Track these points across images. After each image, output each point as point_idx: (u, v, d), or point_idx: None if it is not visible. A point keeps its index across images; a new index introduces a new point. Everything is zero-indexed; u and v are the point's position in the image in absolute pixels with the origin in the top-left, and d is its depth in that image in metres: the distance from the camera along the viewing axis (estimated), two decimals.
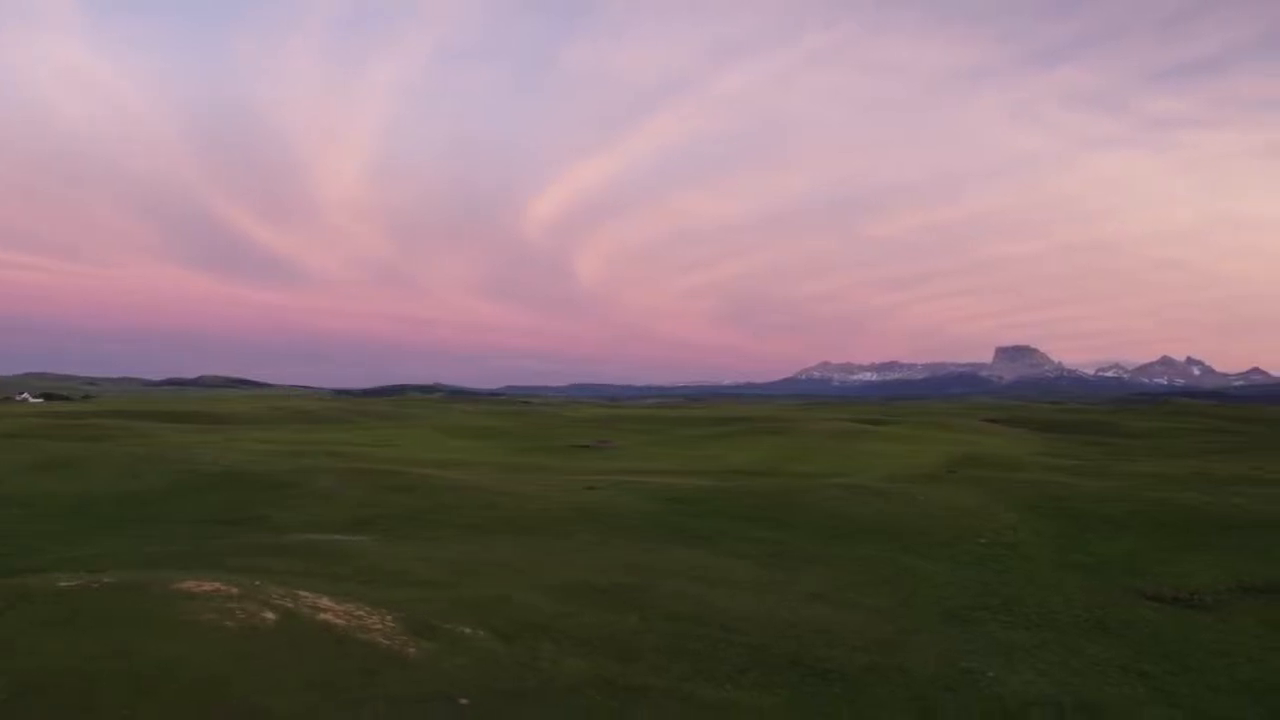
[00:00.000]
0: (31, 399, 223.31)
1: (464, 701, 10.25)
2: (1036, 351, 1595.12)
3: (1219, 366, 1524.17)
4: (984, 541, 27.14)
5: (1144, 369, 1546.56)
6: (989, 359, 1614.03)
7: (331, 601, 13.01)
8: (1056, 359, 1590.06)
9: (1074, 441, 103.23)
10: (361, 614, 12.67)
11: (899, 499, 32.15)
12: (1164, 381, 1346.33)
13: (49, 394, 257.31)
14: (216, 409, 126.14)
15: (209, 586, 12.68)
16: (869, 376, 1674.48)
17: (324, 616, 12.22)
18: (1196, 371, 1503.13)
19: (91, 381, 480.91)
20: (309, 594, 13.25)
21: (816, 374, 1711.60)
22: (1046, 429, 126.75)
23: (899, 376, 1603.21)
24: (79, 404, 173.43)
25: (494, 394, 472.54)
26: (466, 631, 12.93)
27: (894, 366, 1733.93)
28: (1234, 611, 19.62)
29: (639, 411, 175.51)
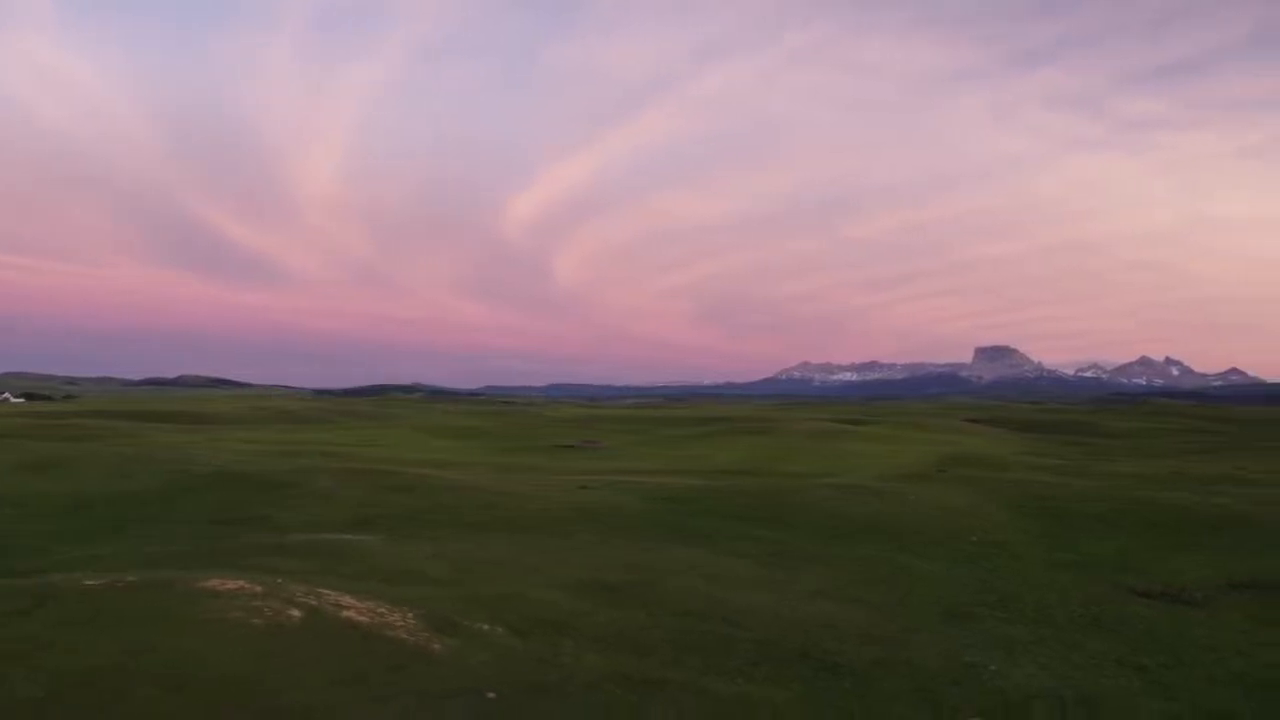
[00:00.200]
0: (13, 399, 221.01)
1: (491, 696, 10.51)
2: (1016, 352, 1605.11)
3: (1197, 367, 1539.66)
4: (975, 540, 27.61)
5: (1123, 369, 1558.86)
6: (968, 359, 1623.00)
7: (353, 599, 13.23)
8: (1036, 359, 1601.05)
9: (1056, 441, 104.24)
10: (383, 611, 12.91)
11: (891, 498, 32.61)
12: (1143, 382, 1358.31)
13: (30, 394, 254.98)
14: (199, 409, 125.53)
15: (233, 585, 12.88)
16: (849, 376, 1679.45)
17: (347, 614, 12.45)
18: (1175, 372, 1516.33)
19: (71, 381, 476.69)
20: (330, 592, 13.46)
21: (797, 374, 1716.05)
22: (1027, 429, 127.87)
23: (879, 376, 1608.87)
24: (61, 404, 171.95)
25: (474, 394, 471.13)
26: (485, 628, 13.19)
27: (874, 367, 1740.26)
28: (1222, 607, 20.15)
29: (620, 412, 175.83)
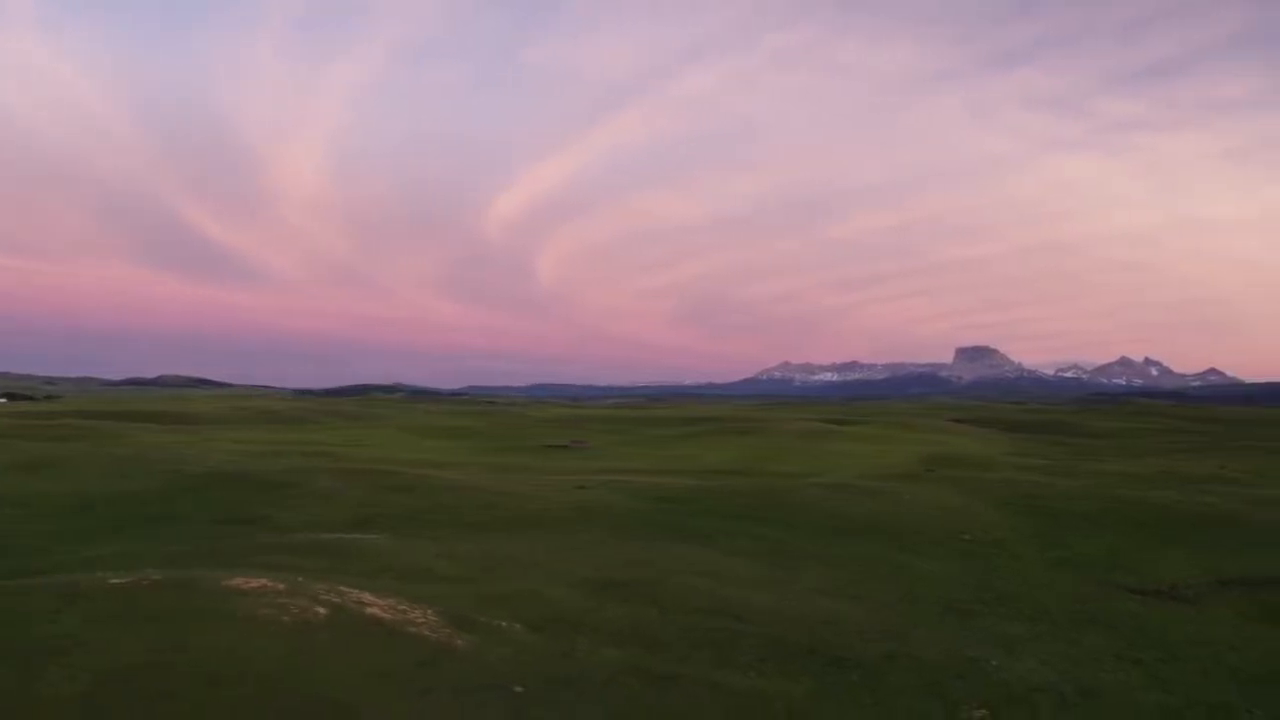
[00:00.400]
0: None
1: (518, 689, 10.82)
2: (996, 352, 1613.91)
3: (1177, 367, 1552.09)
4: (968, 539, 28.07)
5: (1103, 369, 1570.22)
6: (949, 359, 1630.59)
7: (374, 597, 13.49)
8: (1016, 359, 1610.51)
9: (1040, 441, 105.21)
10: (403, 608, 13.17)
11: (885, 498, 33.07)
12: (1123, 382, 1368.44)
13: (11, 393, 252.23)
14: (183, 409, 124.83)
15: (256, 583, 13.12)
16: (829, 377, 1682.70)
17: (371, 610, 12.71)
18: (1155, 372, 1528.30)
19: (50, 381, 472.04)
20: (350, 589, 13.71)
21: (777, 374, 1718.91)
22: (1011, 429, 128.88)
23: (859, 377, 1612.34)
24: (44, 404, 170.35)
25: (455, 394, 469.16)
26: (502, 624, 13.48)
27: (854, 367, 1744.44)
28: (1212, 604, 20.76)
29: (604, 412, 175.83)
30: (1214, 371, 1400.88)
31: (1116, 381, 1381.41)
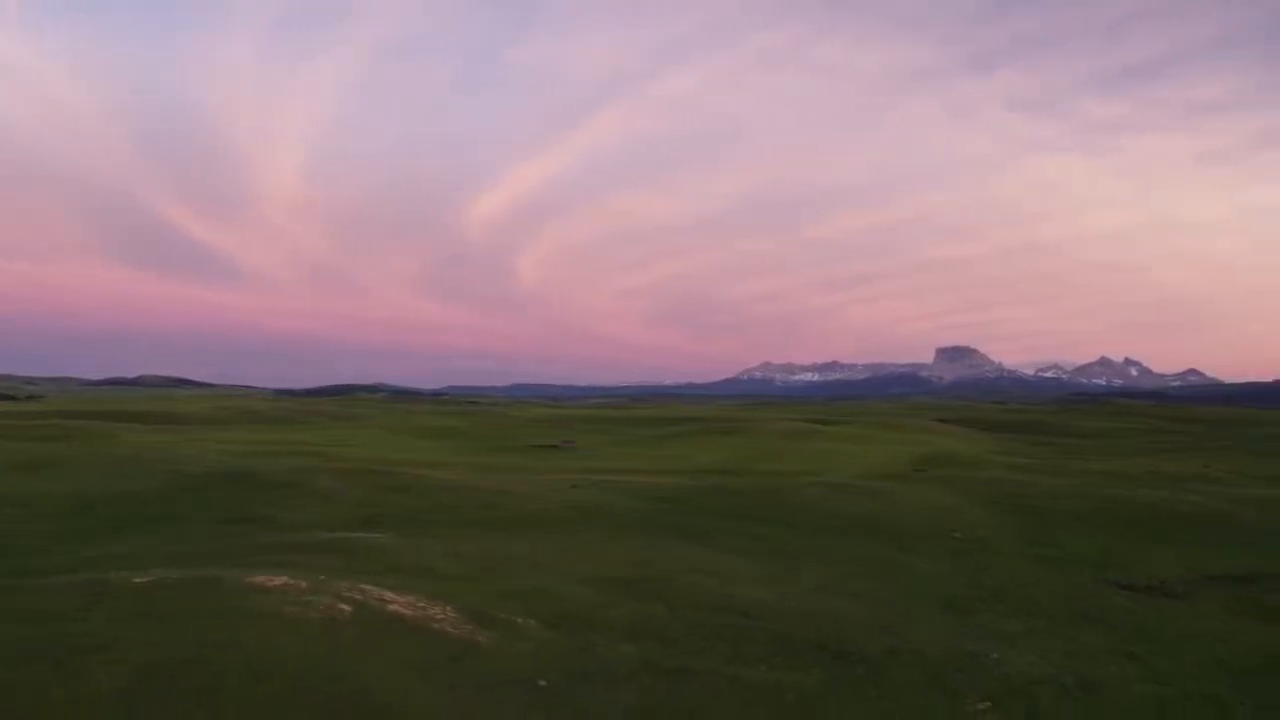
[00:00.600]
0: None
1: (542, 683, 11.15)
2: (976, 352, 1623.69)
3: (1156, 367, 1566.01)
4: (960, 537, 28.56)
5: (1083, 369, 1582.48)
6: (929, 359, 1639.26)
7: (393, 594, 13.78)
8: (996, 359, 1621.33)
9: (1024, 441, 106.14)
10: (423, 605, 13.47)
11: (878, 497, 33.58)
12: (1102, 382, 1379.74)
13: None
14: (169, 409, 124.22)
15: (278, 581, 13.38)
16: (810, 377, 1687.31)
17: (392, 608, 13.00)
18: (1134, 372, 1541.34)
19: (30, 381, 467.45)
20: (369, 587, 13.99)
21: (758, 374, 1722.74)
22: (996, 429, 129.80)
23: (840, 377, 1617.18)
24: (28, 404, 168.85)
25: (436, 394, 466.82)
26: (519, 621, 13.79)
27: (835, 367, 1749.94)
28: (1201, 599, 21.32)
29: (589, 412, 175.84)
30: (1193, 372, 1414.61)
31: (1096, 382, 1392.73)
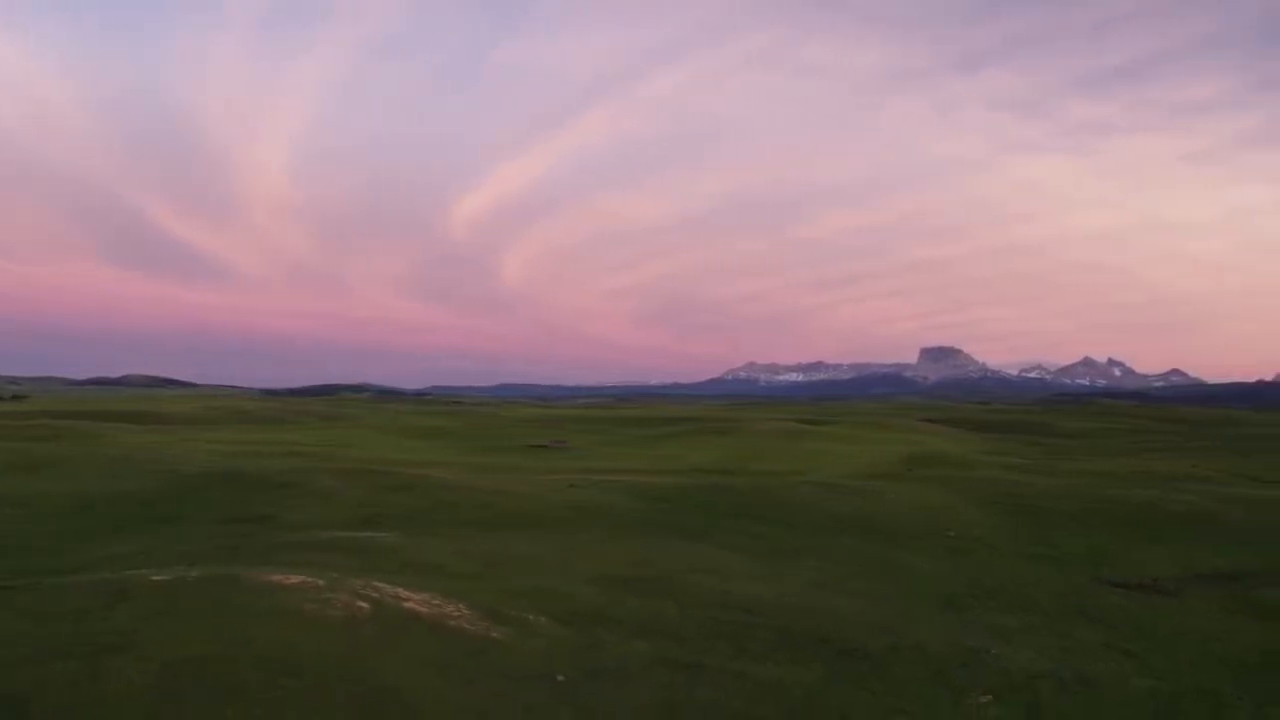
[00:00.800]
0: None
1: (561, 678, 11.41)
2: (960, 352, 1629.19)
3: (1139, 368, 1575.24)
4: (953, 535, 28.97)
5: (1066, 370, 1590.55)
6: (913, 360, 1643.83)
7: (408, 592, 14.01)
8: (980, 360, 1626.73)
9: (1012, 441, 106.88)
10: (437, 602, 13.70)
11: (872, 496, 33.99)
12: (1086, 382, 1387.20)
13: None
14: (156, 409, 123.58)
15: (295, 579, 13.59)
16: (795, 377, 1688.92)
17: (408, 605, 13.23)
18: (1118, 373, 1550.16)
19: (13, 380, 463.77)
20: (384, 585, 14.22)
21: (743, 374, 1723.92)
22: (983, 429, 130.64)
23: (825, 377, 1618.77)
24: (13, 404, 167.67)
25: (421, 394, 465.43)
26: (530, 618, 14.04)
27: (820, 367, 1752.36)
28: (1193, 597, 21.79)
29: (579, 412, 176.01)
30: (1176, 372, 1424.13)
31: (1080, 382, 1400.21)
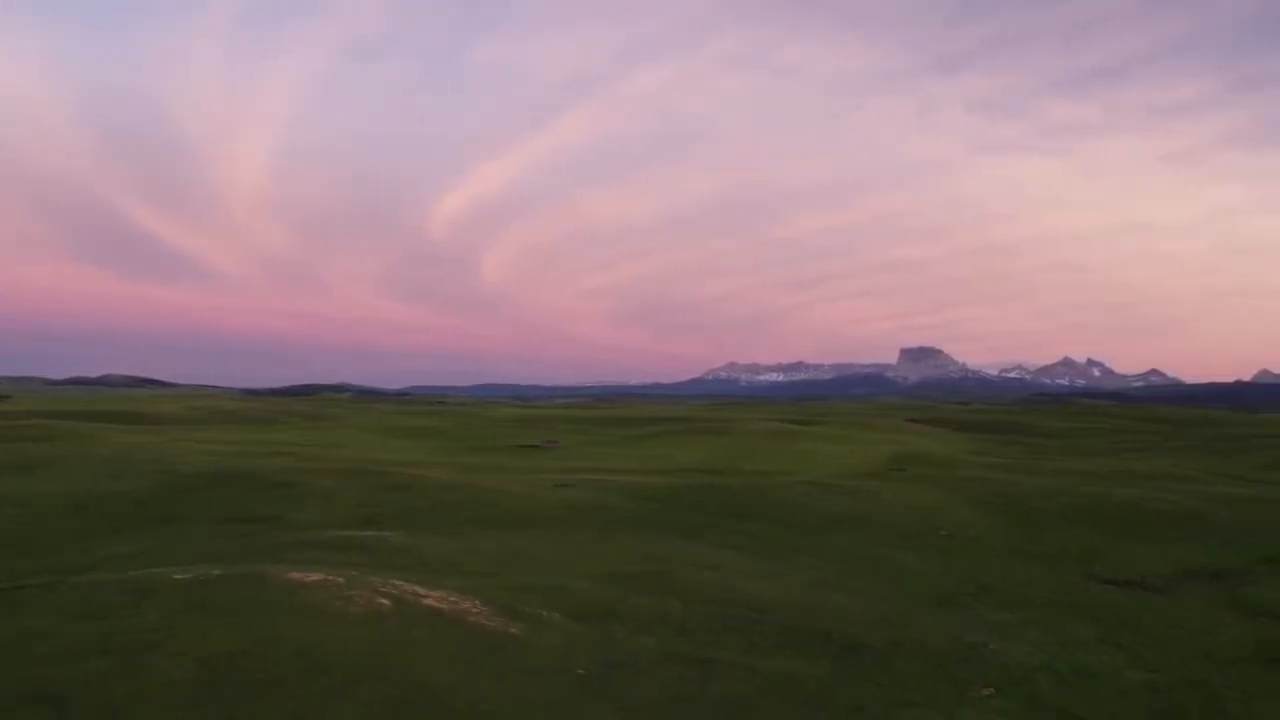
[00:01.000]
0: None
1: (581, 672, 11.76)
2: (940, 352, 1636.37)
3: (1118, 368, 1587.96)
4: (946, 534, 29.49)
5: (1046, 370, 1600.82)
6: (894, 360, 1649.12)
7: (425, 589, 14.31)
8: (960, 360, 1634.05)
9: (995, 441, 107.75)
10: (454, 599, 14.00)
11: (864, 495, 34.48)
12: (1065, 382, 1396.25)
13: None
14: (140, 409, 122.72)
15: (315, 577, 13.85)
16: (776, 377, 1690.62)
17: (427, 602, 13.53)
18: (1097, 373, 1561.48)
19: None
20: (401, 582, 14.52)
21: (724, 374, 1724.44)
22: (966, 429, 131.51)
23: (805, 377, 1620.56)
24: None
25: (400, 394, 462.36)
26: (544, 614, 14.36)
27: (800, 367, 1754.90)
28: (1181, 594, 22.42)
29: (563, 412, 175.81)
30: (1155, 372, 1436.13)
31: (1059, 382, 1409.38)
